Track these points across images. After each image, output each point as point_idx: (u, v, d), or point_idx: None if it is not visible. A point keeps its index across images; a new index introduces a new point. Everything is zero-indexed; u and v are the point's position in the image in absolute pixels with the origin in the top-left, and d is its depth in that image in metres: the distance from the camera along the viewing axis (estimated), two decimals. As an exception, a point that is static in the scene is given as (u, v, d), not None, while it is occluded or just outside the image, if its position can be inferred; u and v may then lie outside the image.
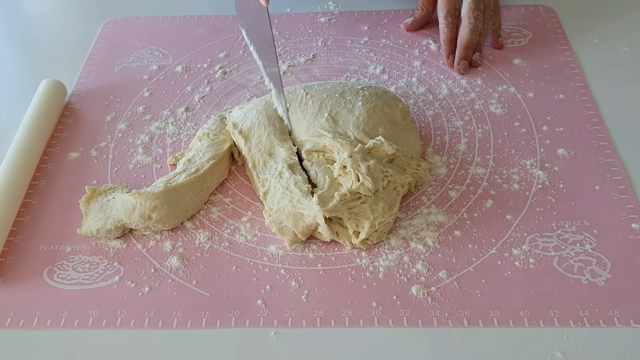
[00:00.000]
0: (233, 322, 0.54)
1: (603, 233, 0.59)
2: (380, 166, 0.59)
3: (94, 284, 0.57)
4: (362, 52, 0.85)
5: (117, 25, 0.93)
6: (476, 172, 0.66)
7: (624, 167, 0.65)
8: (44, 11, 1.00)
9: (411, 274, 0.56)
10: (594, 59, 0.81)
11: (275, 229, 0.59)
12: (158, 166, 0.69)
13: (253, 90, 0.80)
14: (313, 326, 0.53)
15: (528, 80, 0.78)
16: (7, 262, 0.59)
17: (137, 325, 0.54)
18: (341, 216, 0.57)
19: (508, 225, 0.60)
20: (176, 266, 0.58)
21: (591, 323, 0.52)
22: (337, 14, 0.93)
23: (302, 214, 0.57)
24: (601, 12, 0.90)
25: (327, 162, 0.62)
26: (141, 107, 0.77)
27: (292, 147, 0.64)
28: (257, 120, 0.66)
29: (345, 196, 0.57)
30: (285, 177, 0.60)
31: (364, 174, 0.57)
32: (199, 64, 0.84)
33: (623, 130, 0.70)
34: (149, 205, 0.59)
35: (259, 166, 0.63)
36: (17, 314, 0.55)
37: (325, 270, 0.57)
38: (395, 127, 0.66)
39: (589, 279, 0.55)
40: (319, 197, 0.56)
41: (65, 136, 0.74)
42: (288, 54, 0.86)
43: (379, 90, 0.69)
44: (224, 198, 0.65)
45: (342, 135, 0.63)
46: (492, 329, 0.52)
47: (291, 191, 0.58)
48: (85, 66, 0.85)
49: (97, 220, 0.60)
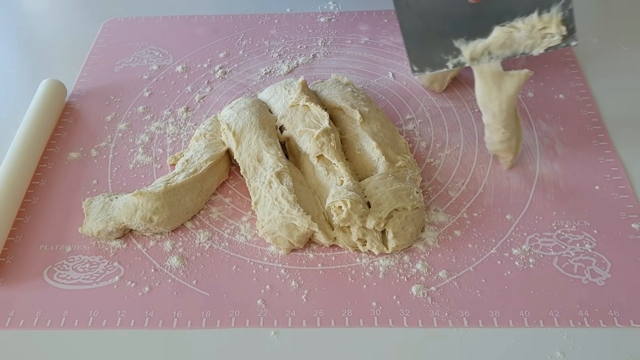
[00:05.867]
0: (233, 322, 0.54)
1: (603, 233, 0.59)
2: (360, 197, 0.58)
3: (94, 283, 0.57)
4: (362, 52, 0.85)
5: (117, 25, 0.93)
6: (476, 172, 0.66)
7: (624, 167, 0.65)
8: (44, 11, 1.00)
9: (411, 274, 0.56)
10: (594, 59, 0.81)
11: (269, 240, 0.59)
12: (158, 166, 0.69)
13: (253, 90, 0.80)
14: (313, 326, 0.53)
15: (528, 80, 0.78)
16: (7, 262, 0.59)
17: (137, 325, 0.54)
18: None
19: (508, 225, 0.60)
20: (176, 266, 0.58)
21: (591, 323, 0.52)
22: (337, 14, 0.93)
23: (294, 224, 0.57)
24: (601, 12, 0.90)
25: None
26: (141, 107, 0.77)
27: (277, 152, 0.63)
28: (249, 121, 0.66)
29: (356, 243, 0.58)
30: (274, 187, 0.60)
31: (373, 238, 0.57)
32: (199, 64, 0.85)
33: (623, 130, 0.70)
34: (150, 207, 0.59)
35: (249, 172, 0.63)
36: (17, 314, 0.55)
37: (325, 270, 0.57)
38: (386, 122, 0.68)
39: (589, 279, 0.55)
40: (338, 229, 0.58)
41: (65, 136, 0.74)
42: (288, 54, 0.86)
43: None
44: (224, 198, 0.65)
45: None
46: (492, 329, 0.52)
47: (280, 202, 0.58)
48: (85, 66, 0.85)
49: (98, 222, 0.60)
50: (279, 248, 0.59)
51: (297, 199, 0.58)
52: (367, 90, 0.78)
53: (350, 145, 0.65)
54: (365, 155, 0.63)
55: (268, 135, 0.65)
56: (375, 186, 0.58)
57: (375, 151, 0.62)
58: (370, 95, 0.75)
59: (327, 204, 0.57)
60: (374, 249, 0.57)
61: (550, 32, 0.57)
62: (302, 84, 0.69)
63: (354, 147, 0.64)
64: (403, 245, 0.57)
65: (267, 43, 0.88)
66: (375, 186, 0.58)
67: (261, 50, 0.87)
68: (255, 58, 0.85)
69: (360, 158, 0.63)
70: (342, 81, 0.73)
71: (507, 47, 0.58)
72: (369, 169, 0.63)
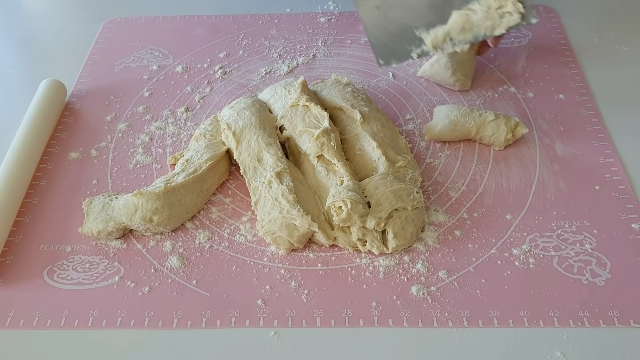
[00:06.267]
0: (233, 322, 0.54)
1: (603, 233, 0.59)
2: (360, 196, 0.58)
3: (94, 284, 0.57)
4: (362, 52, 0.85)
5: (117, 25, 0.93)
6: (476, 172, 0.66)
7: (624, 167, 0.65)
8: (44, 11, 1.00)
9: (411, 274, 0.56)
10: (594, 59, 0.81)
11: (269, 240, 0.59)
12: (158, 166, 0.69)
13: (253, 90, 0.80)
14: (313, 326, 0.53)
15: (528, 80, 0.78)
16: (7, 262, 0.59)
17: (137, 325, 0.54)
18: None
19: (508, 225, 0.60)
20: (176, 266, 0.58)
21: (591, 323, 0.52)
22: (337, 14, 0.93)
23: (294, 224, 0.57)
24: (601, 12, 0.90)
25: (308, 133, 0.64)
26: (141, 107, 0.77)
27: (277, 152, 0.63)
28: (249, 121, 0.66)
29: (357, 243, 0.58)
30: (274, 187, 0.60)
31: (373, 239, 0.57)
32: (199, 64, 0.84)
33: (623, 130, 0.70)
34: (150, 207, 0.59)
35: (249, 172, 0.63)
36: (17, 314, 0.55)
37: (325, 270, 0.57)
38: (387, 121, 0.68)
39: (589, 279, 0.55)
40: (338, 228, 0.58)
41: (65, 136, 0.74)
42: (288, 54, 0.86)
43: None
44: (224, 198, 0.65)
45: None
46: (492, 329, 0.52)
47: (280, 202, 0.58)
48: (85, 66, 0.85)
49: (98, 222, 0.60)
50: (279, 248, 0.59)
51: (297, 199, 0.58)
52: (367, 90, 0.78)
53: (350, 145, 0.65)
54: (366, 155, 0.63)
55: (268, 135, 0.65)
56: (375, 186, 0.58)
57: (376, 151, 0.62)
58: (370, 95, 0.75)
59: (327, 204, 0.57)
60: (374, 249, 0.57)
61: (508, 11, 0.58)
62: (302, 84, 0.69)
63: (354, 147, 0.64)
64: (403, 245, 0.57)
65: (267, 43, 0.88)
66: (375, 186, 0.58)
67: (261, 50, 0.87)
68: (255, 58, 0.85)
69: (360, 158, 0.63)
70: (342, 81, 0.73)
71: (467, 31, 0.59)
72: (369, 169, 0.63)
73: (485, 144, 0.68)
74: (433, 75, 0.77)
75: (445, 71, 0.74)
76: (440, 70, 0.75)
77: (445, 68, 0.74)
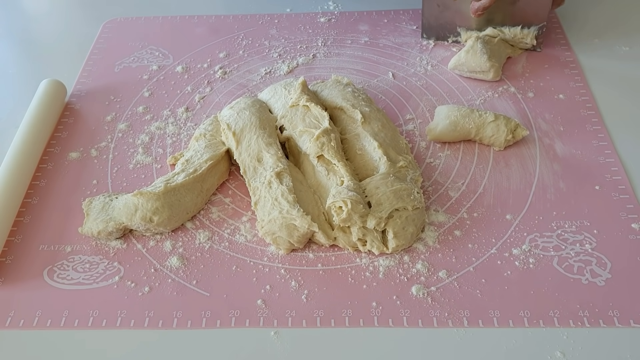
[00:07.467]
0: (233, 322, 0.54)
1: (603, 233, 0.59)
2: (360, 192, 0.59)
3: (94, 284, 0.57)
4: (362, 52, 0.85)
5: (117, 25, 0.93)
6: (476, 172, 0.66)
7: (624, 167, 0.65)
8: (44, 11, 1.00)
9: (411, 274, 0.56)
10: (594, 59, 0.81)
11: (269, 240, 0.59)
12: (158, 166, 0.69)
13: (253, 90, 0.80)
14: (313, 326, 0.53)
15: (528, 80, 0.78)
16: (7, 262, 0.59)
17: (137, 325, 0.54)
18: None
19: (508, 225, 0.60)
20: (176, 266, 0.58)
21: (591, 323, 0.52)
22: (337, 14, 0.93)
23: (294, 224, 0.57)
24: (601, 12, 0.90)
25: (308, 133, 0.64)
26: (141, 107, 0.77)
27: (277, 152, 0.63)
28: (249, 121, 0.66)
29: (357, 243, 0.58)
30: (274, 187, 0.59)
31: (374, 239, 0.57)
32: (199, 64, 0.85)
33: (623, 130, 0.70)
34: (150, 207, 0.59)
35: (249, 172, 0.63)
36: (17, 314, 0.55)
37: (325, 270, 0.57)
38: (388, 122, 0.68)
39: (589, 279, 0.55)
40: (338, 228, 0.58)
41: (65, 136, 0.74)
42: (288, 54, 0.86)
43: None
44: (224, 198, 0.65)
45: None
46: (492, 329, 0.52)
47: (280, 202, 0.58)
48: (85, 66, 0.85)
49: (98, 222, 0.60)
50: (279, 248, 0.59)
51: (297, 199, 0.58)
52: (367, 90, 0.78)
53: (350, 145, 0.65)
54: (367, 155, 0.63)
55: (268, 136, 0.65)
56: (376, 186, 0.58)
57: (377, 151, 0.62)
58: (370, 95, 0.75)
59: (328, 204, 0.57)
60: (374, 249, 0.57)
61: (525, 42, 0.81)
62: (302, 84, 0.69)
63: (355, 147, 0.64)
64: (403, 245, 0.57)
65: (267, 43, 0.88)
66: (376, 186, 0.58)
67: (261, 50, 0.87)
68: (255, 58, 0.85)
69: (361, 158, 0.63)
70: (342, 82, 0.73)
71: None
72: (369, 169, 0.63)
73: (485, 144, 0.68)
74: (468, 62, 0.77)
75: (482, 56, 0.76)
76: (475, 56, 0.76)
77: (481, 54, 0.76)
